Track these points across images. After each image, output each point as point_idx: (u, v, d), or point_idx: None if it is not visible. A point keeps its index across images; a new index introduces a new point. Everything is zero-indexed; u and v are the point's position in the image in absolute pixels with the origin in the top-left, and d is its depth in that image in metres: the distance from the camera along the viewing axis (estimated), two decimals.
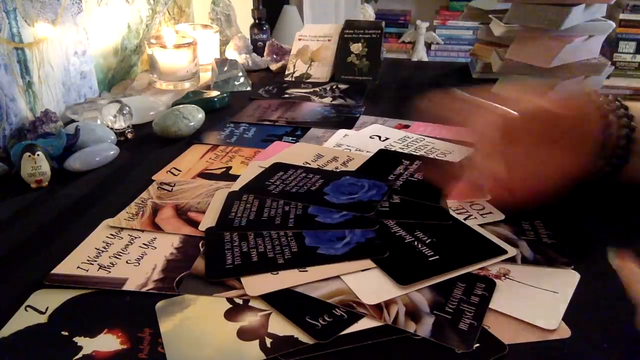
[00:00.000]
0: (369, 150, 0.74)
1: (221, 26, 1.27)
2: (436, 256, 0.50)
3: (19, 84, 0.77)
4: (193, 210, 0.59)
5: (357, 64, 1.07)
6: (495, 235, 0.54)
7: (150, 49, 0.98)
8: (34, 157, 0.65)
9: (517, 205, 0.55)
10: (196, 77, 1.03)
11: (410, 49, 2.46)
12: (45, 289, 0.47)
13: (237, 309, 0.44)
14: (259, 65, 1.18)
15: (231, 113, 0.90)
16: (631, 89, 2.05)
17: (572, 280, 0.47)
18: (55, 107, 0.84)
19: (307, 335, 0.41)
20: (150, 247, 0.53)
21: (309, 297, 0.45)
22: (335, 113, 0.89)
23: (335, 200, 0.59)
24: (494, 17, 0.98)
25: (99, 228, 0.56)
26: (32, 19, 0.78)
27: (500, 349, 0.40)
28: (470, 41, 2.43)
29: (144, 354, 0.40)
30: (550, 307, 0.44)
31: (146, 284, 0.48)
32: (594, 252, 0.52)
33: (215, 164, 0.72)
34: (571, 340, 0.41)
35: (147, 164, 0.72)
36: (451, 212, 0.58)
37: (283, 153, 0.73)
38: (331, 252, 0.51)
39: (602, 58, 0.92)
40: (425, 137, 0.78)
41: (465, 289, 0.46)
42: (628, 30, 1.98)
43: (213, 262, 0.50)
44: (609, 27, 0.90)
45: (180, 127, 0.79)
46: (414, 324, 0.42)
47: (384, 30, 1.11)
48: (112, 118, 0.79)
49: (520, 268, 0.49)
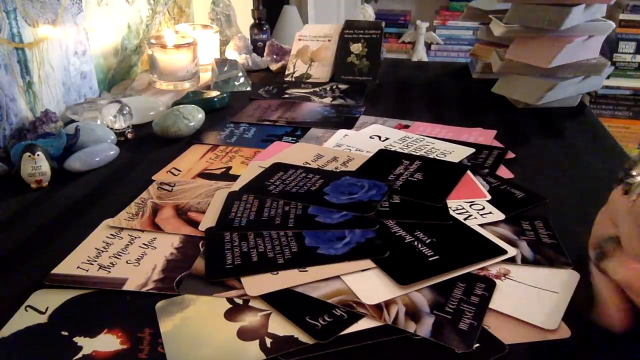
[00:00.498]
0: (369, 150, 0.74)
1: (221, 26, 1.27)
2: (436, 256, 0.50)
3: (19, 84, 0.77)
4: (193, 210, 0.59)
5: (357, 64, 1.07)
6: (495, 235, 0.54)
7: (150, 49, 0.98)
8: (34, 157, 0.65)
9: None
10: (196, 77, 1.03)
11: (410, 49, 2.46)
12: (45, 289, 0.47)
13: (237, 309, 0.44)
14: (259, 65, 1.18)
15: (231, 113, 0.90)
16: (631, 89, 2.05)
17: (572, 280, 0.47)
18: (55, 107, 0.84)
19: (307, 335, 0.41)
20: (150, 247, 0.53)
21: (309, 297, 0.45)
22: (335, 113, 0.90)
23: (335, 201, 0.59)
24: (494, 17, 0.98)
25: (99, 228, 0.56)
26: (32, 19, 0.78)
27: (500, 349, 0.40)
28: (470, 41, 2.43)
29: (144, 354, 0.40)
30: (550, 307, 0.44)
31: (146, 284, 0.48)
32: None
33: (215, 164, 0.72)
34: (571, 340, 0.41)
35: (147, 164, 0.72)
36: (451, 212, 0.58)
37: (283, 153, 0.73)
38: (331, 252, 0.51)
39: (602, 58, 0.92)
40: (425, 137, 0.78)
41: (465, 289, 0.46)
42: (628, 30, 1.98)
43: (213, 262, 0.50)
44: (609, 27, 0.90)
45: (180, 127, 0.79)
46: (414, 324, 0.42)
47: (384, 30, 1.11)
48: (112, 118, 0.79)
49: (520, 268, 0.49)
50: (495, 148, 0.74)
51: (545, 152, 0.76)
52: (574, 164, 0.72)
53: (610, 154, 0.76)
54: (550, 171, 0.70)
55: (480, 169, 0.68)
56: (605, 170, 0.70)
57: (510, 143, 0.76)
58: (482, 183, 0.64)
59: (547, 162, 0.72)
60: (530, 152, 0.75)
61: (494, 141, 0.77)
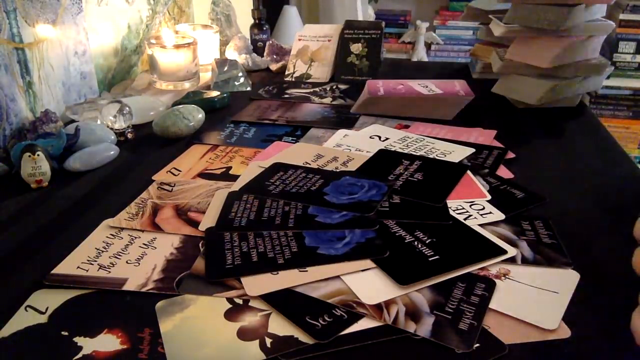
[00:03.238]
0: (369, 150, 0.74)
1: (221, 26, 1.27)
2: (436, 256, 0.50)
3: (19, 84, 0.77)
4: (193, 210, 0.59)
5: (357, 64, 1.07)
6: (495, 235, 0.54)
7: (150, 49, 0.98)
8: (34, 157, 0.65)
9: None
10: (196, 77, 1.03)
11: (410, 49, 2.46)
12: (45, 289, 0.47)
13: (237, 309, 0.44)
14: (259, 65, 1.18)
15: (231, 113, 0.90)
16: (631, 89, 2.05)
17: (572, 280, 0.47)
18: (55, 107, 0.84)
19: (307, 335, 0.41)
20: (150, 247, 0.53)
21: (309, 297, 0.45)
22: (335, 113, 0.89)
23: (335, 201, 0.59)
24: (494, 17, 0.98)
25: (99, 228, 0.56)
26: (32, 19, 0.78)
27: (500, 349, 0.40)
28: (470, 41, 2.43)
29: (144, 354, 0.40)
30: (550, 307, 0.44)
31: (146, 284, 0.48)
32: (594, 252, 0.52)
33: (215, 164, 0.72)
34: (571, 340, 0.41)
35: (147, 164, 0.72)
36: (451, 212, 0.58)
37: (283, 153, 0.73)
38: (331, 252, 0.51)
39: (602, 58, 0.92)
40: (425, 137, 0.78)
41: (465, 289, 0.46)
42: (628, 30, 1.98)
43: (213, 262, 0.50)
44: (609, 27, 0.90)
45: (180, 127, 0.79)
46: (414, 324, 0.42)
47: (384, 30, 1.11)
48: (112, 118, 0.79)
49: (520, 268, 0.49)
50: (495, 148, 0.74)
51: (545, 152, 0.76)
52: (574, 164, 0.72)
53: (610, 154, 0.76)
54: (550, 171, 0.70)
55: (480, 169, 0.68)
56: (605, 170, 0.70)
57: (510, 143, 0.76)
58: (482, 183, 0.64)
59: (547, 162, 0.72)
60: (530, 152, 0.75)
61: (494, 141, 0.77)
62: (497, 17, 0.96)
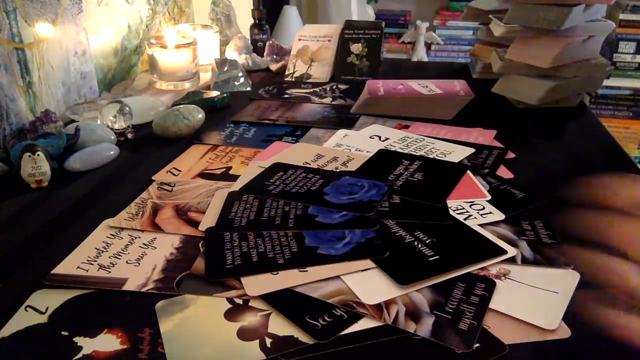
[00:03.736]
0: (369, 150, 0.74)
1: (221, 26, 1.27)
2: (436, 256, 0.50)
3: (19, 84, 0.77)
4: (193, 210, 0.59)
5: (357, 64, 1.07)
6: (495, 235, 0.54)
7: (150, 49, 0.98)
8: (34, 157, 0.65)
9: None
10: (196, 77, 1.03)
11: (410, 49, 2.46)
12: (45, 289, 0.47)
13: (237, 309, 0.44)
14: (259, 65, 1.18)
15: (231, 113, 0.90)
16: (631, 89, 2.04)
17: (572, 280, 0.47)
18: (55, 107, 0.84)
19: (307, 335, 0.41)
20: (150, 247, 0.53)
21: (309, 297, 0.45)
22: (335, 113, 0.89)
23: (335, 201, 0.59)
24: (494, 17, 0.98)
25: (99, 228, 0.56)
26: (32, 19, 0.78)
27: (500, 349, 0.40)
28: (470, 41, 2.43)
29: (144, 354, 0.40)
30: (550, 307, 0.44)
31: (146, 284, 0.48)
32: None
33: (215, 164, 0.72)
34: (571, 340, 0.41)
35: (147, 164, 0.72)
36: (451, 212, 0.58)
37: (283, 153, 0.73)
38: (331, 252, 0.51)
39: (602, 58, 0.92)
40: (425, 137, 0.78)
41: (465, 289, 0.46)
42: (628, 30, 1.97)
43: (213, 262, 0.50)
44: (609, 27, 0.90)
45: (180, 127, 0.79)
46: (414, 324, 0.42)
47: (384, 31, 1.11)
48: (112, 118, 0.79)
49: (520, 268, 0.49)
50: (495, 148, 0.74)
51: (545, 152, 0.76)
52: (574, 164, 0.72)
53: (611, 154, 0.76)
54: (550, 171, 0.70)
55: (480, 169, 0.68)
56: (605, 170, 0.70)
57: (510, 143, 0.76)
58: (482, 183, 0.64)
59: (547, 162, 0.72)
60: (530, 152, 0.75)
61: (494, 141, 0.77)
62: (497, 17, 0.96)
